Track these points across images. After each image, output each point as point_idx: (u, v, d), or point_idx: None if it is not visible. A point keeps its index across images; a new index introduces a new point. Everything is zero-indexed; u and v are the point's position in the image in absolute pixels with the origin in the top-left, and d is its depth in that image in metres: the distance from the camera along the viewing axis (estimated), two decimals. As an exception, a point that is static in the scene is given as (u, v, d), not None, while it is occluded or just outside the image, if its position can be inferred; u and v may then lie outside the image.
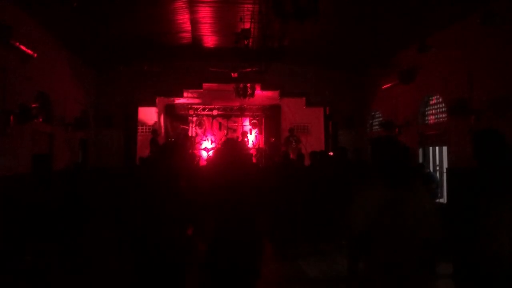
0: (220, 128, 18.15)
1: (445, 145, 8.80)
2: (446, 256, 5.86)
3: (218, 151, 4.19)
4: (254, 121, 17.96)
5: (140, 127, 14.03)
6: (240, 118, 18.13)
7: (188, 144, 14.47)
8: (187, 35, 10.26)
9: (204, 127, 17.59)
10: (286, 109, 16.73)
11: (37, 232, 6.69)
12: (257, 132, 18.02)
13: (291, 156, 9.51)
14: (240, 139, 16.51)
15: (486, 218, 2.61)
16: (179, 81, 12.74)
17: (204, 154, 15.90)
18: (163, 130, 16.17)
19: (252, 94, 12.18)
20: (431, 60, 8.84)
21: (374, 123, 12.67)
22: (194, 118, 17.68)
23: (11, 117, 6.82)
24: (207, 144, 16.54)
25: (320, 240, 7.58)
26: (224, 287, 3.78)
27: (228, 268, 3.73)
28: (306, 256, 7.14)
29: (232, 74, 11.10)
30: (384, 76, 11.03)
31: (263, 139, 17.80)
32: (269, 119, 17.81)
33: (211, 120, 18.08)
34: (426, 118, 9.68)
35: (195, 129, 17.58)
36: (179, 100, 15.97)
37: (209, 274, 3.84)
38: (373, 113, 12.70)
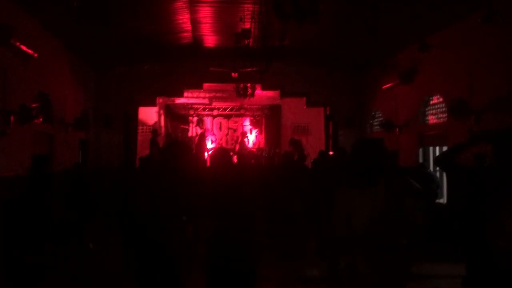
0: (220, 128, 18.18)
1: (445, 145, 8.79)
2: (452, 257, 5.89)
3: (214, 156, 4.20)
4: (255, 121, 18.00)
5: (140, 127, 14.03)
6: (240, 118, 18.16)
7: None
8: (187, 35, 10.26)
9: (204, 127, 17.62)
10: (287, 109, 16.76)
11: (37, 232, 6.69)
12: (258, 132, 18.04)
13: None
14: (240, 139, 16.56)
15: (499, 218, 2.61)
16: (179, 81, 12.74)
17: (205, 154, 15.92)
18: (163, 130, 16.20)
19: (253, 94, 12.17)
20: (431, 60, 8.83)
21: (375, 123, 12.67)
22: (195, 118, 17.71)
23: (11, 117, 6.82)
24: (207, 144, 16.57)
25: (319, 239, 7.59)
26: (223, 286, 3.79)
27: (227, 268, 3.75)
28: (306, 255, 7.16)
29: (233, 74, 11.09)
30: (384, 76, 11.03)
31: (263, 139, 17.83)
32: (269, 119, 17.86)
33: (211, 120, 18.11)
34: (426, 118, 9.68)
35: (195, 128, 17.61)
36: (179, 100, 15.99)
37: (209, 274, 3.85)
38: (373, 113, 12.70)
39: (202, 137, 14.86)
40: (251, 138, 17.83)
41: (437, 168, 9.44)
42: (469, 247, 3.04)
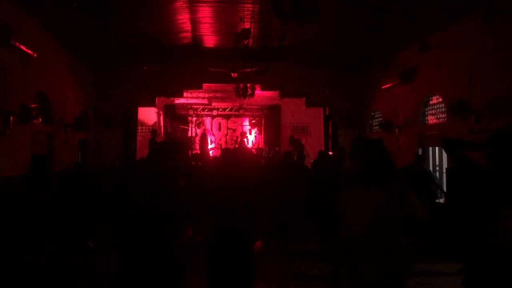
0: (219, 128, 18.19)
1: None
2: (452, 256, 5.89)
3: (220, 156, 4.20)
4: (254, 121, 18.00)
5: (139, 127, 14.05)
6: (239, 118, 18.16)
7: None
8: (187, 35, 10.26)
9: (203, 127, 17.62)
10: (286, 109, 16.77)
11: (37, 232, 6.69)
12: (257, 132, 18.04)
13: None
14: (239, 139, 16.57)
15: (498, 219, 2.60)
16: (179, 81, 12.75)
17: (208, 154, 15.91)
18: (162, 130, 16.20)
19: (252, 94, 12.18)
20: (431, 60, 8.84)
21: (374, 123, 12.68)
22: (194, 118, 17.71)
23: (11, 118, 6.81)
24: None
25: (319, 239, 7.61)
26: (224, 285, 3.79)
27: (227, 268, 3.74)
28: (305, 254, 7.16)
29: (232, 74, 11.10)
30: (384, 76, 11.04)
31: (262, 139, 17.84)
32: (269, 119, 17.87)
33: (210, 120, 18.11)
34: (426, 118, 9.68)
35: (195, 129, 17.62)
36: (179, 100, 15.99)
37: (209, 274, 3.85)
38: (373, 113, 12.70)
39: (204, 138, 14.87)
40: (251, 138, 17.84)
41: (437, 169, 9.46)
42: (469, 245, 3.03)
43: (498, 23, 6.46)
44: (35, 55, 7.47)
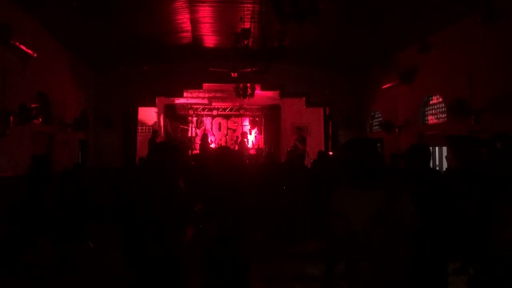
0: (220, 128, 18.19)
1: (445, 146, 8.79)
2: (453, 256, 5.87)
3: (216, 156, 4.20)
4: (254, 121, 18.01)
5: (140, 127, 14.05)
6: (239, 118, 18.17)
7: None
8: (187, 35, 10.25)
9: (203, 127, 17.63)
10: (286, 109, 16.77)
11: (36, 232, 6.69)
12: (257, 132, 18.04)
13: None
14: (239, 139, 16.58)
15: (498, 219, 2.60)
16: (179, 81, 12.75)
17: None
18: (162, 130, 16.20)
19: (252, 94, 12.17)
20: (431, 60, 8.84)
21: (374, 123, 12.68)
22: (194, 118, 17.72)
23: (11, 118, 6.81)
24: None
25: (319, 238, 7.59)
26: (224, 283, 3.80)
27: (228, 265, 3.75)
28: (305, 254, 7.15)
29: (232, 74, 11.09)
30: (384, 76, 11.04)
31: (263, 139, 17.84)
32: (269, 119, 17.87)
33: (210, 120, 18.12)
34: (426, 118, 9.68)
35: (195, 129, 17.62)
36: (179, 100, 15.99)
37: (210, 272, 3.86)
38: (373, 113, 12.70)
39: (205, 138, 14.86)
40: (251, 138, 17.84)
41: (437, 169, 9.44)
42: (474, 243, 3.03)
43: (498, 23, 6.46)
44: (35, 55, 7.47)
